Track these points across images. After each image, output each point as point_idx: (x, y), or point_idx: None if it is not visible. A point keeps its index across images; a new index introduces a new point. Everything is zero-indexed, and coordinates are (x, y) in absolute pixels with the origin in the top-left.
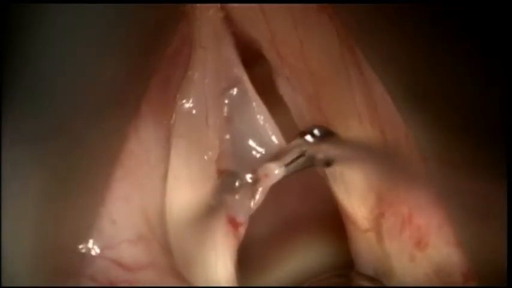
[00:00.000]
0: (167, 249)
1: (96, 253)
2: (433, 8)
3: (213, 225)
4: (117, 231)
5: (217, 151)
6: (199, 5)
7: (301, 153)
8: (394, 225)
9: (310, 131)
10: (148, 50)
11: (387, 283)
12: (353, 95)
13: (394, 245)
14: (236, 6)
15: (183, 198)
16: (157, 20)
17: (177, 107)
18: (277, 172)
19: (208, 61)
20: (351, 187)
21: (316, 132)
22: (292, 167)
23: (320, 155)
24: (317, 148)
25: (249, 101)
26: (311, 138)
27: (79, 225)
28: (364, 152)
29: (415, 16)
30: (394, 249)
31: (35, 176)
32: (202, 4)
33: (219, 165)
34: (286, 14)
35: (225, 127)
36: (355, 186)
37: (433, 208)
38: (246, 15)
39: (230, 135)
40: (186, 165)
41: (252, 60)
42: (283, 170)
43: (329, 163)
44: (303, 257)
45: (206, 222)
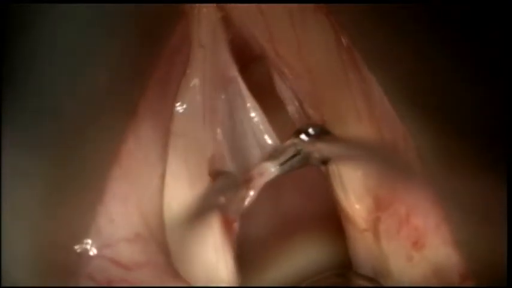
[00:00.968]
0: (165, 248)
1: (94, 252)
2: (430, 8)
3: (208, 223)
4: (115, 230)
5: (213, 151)
6: (197, 4)
7: (297, 152)
8: (391, 225)
9: (305, 130)
10: (146, 49)
11: (385, 283)
12: (351, 94)
13: (391, 245)
14: (235, 6)
15: (181, 197)
16: (156, 20)
17: (176, 107)
18: (272, 170)
19: (207, 61)
20: (349, 187)
21: (311, 131)
22: (287, 166)
23: (315, 154)
24: (312, 147)
25: (243, 101)
26: (306, 137)
27: (77, 224)
28: (360, 151)
29: (411, 16)
30: (391, 249)
31: (34, 177)
32: (201, 4)
33: (215, 165)
34: (284, 14)
35: (220, 127)
36: (353, 186)
37: (431, 208)
38: (244, 15)
39: (225, 135)
40: (184, 165)
41: (249, 60)
42: (278, 168)
43: (325, 162)
44: (301, 256)
45: (202, 220)
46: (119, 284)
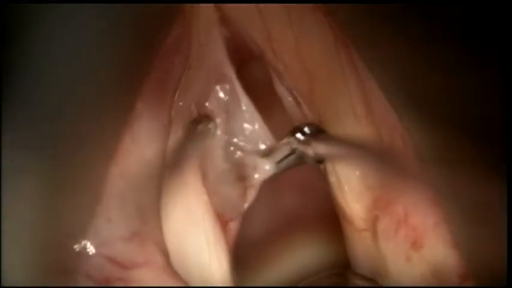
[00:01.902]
0: (163, 248)
1: (92, 251)
2: (429, 8)
3: (185, 177)
4: (112, 229)
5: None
6: (196, 4)
7: (292, 151)
8: (389, 225)
9: (300, 129)
10: (145, 48)
11: (383, 283)
12: (348, 93)
13: (389, 245)
14: (233, 5)
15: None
16: (155, 19)
17: (175, 104)
18: (267, 168)
19: (205, 60)
20: (347, 187)
21: (306, 130)
22: (283, 164)
23: (311, 153)
24: (308, 146)
25: (238, 100)
26: (301, 135)
27: (75, 223)
28: (357, 150)
29: (409, 16)
30: (389, 249)
31: (32, 177)
32: (200, 4)
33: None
34: (282, 13)
35: (216, 126)
36: (352, 186)
37: (429, 208)
38: (242, 15)
39: (221, 134)
40: None
41: (247, 59)
42: (274, 167)
43: (320, 160)
44: (300, 256)
45: (179, 170)
46: (117, 283)
